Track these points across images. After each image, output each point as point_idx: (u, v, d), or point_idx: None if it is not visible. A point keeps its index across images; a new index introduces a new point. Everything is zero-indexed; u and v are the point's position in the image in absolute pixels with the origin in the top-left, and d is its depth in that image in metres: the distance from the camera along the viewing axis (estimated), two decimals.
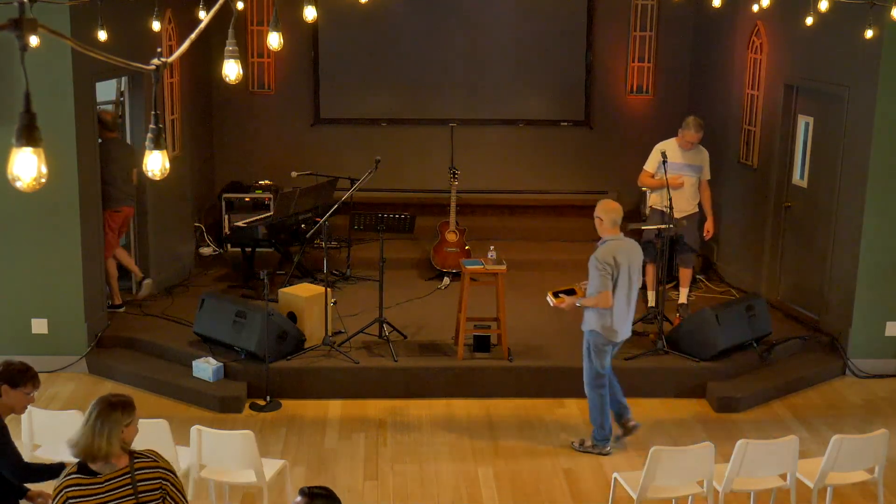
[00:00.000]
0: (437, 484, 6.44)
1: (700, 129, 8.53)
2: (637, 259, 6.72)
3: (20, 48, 2.11)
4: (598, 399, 6.84)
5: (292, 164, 10.80)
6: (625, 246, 6.66)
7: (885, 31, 7.42)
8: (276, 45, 4.43)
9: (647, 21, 11.48)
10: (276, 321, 7.64)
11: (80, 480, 3.82)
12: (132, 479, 3.84)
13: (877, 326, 8.24)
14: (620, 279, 6.57)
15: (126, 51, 6.08)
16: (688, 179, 8.57)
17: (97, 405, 3.88)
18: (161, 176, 2.70)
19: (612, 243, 6.61)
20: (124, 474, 3.84)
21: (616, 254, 6.55)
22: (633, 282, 6.67)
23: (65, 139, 7.64)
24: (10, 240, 7.93)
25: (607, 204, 6.71)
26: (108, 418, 3.84)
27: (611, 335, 6.69)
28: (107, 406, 3.88)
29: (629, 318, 6.77)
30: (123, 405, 3.94)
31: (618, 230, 6.67)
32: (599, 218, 6.66)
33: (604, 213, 6.65)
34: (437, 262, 9.87)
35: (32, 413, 5.61)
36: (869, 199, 8.01)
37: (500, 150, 11.64)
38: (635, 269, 6.69)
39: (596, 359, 6.78)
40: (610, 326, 6.65)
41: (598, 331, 6.69)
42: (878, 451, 5.63)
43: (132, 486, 3.83)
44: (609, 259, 6.53)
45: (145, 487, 3.86)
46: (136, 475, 3.85)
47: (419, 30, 11.52)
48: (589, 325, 6.74)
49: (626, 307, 6.69)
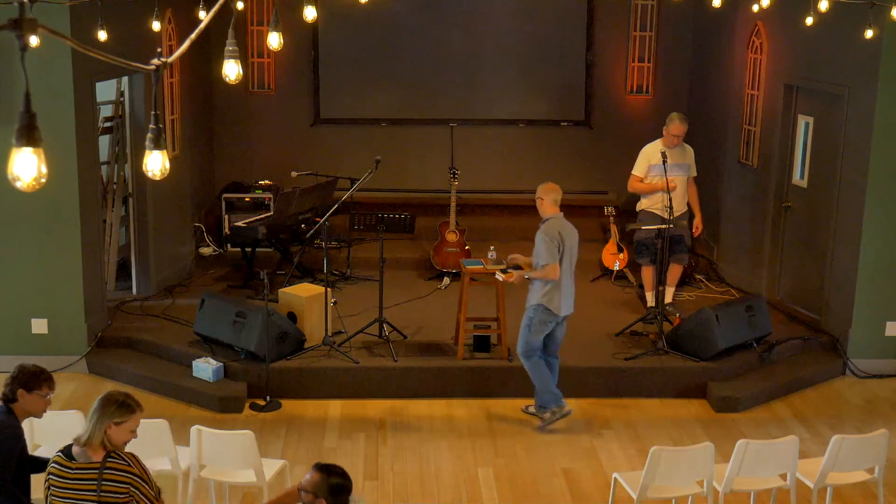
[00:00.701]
0: (437, 484, 6.44)
1: (685, 122, 8.57)
2: (575, 237, 7.11)
3: (20, 48, 2.11)
4: (534, 367, 7.15)
5: (292, 164, 10.80)
6: (566, 224, 7.06)
7: (885, 31, 7.42)
8: (276, 45, 4.44)
9: (647, 21, 11.48)
10: (276, 321, 7.64)
11: (60, 460, 3.98)
12: (99, 474, 3.91)
13: (877, 326, 8.24)
14: (564, 255, 6.97)
15: (126, 51, 6.09)
16: (679, 179, 8.58)
17: (103, 396, 4.01)
18: (161, 176, 2.70)
19: (554, 220, 7.02)
20: (93, 468, 3.91)
21: (560, 229, 6.98)
22: (573, 258, 7.08)
23: (65, 139, 7.64)
24: (10, 240, 7.93)
25: (546, 185, 7.10)
26: (103, 408, 3.97)
27: (555, 308, 7.02)
28: (107, 398, 4.00)
29: (572, 293, 7.14)
30: (121, 403, 4.00)
31: (558, 209, 7.06)
32: (541, 198, 7.07)
33: (544, 193, 7.05)
34: (437, 262, 9.87)
35: None
36: (869, 199, 8.01)
37: (500, 150, 11.64)
38: (575, 246, 7.10)
39: (533, 333, 7.10)
40: (556, 300, 6.99)
41: (544, 304, 7.00)
42: (878, 451, 5.63)
43: (97, 482, 3.89)
44: (555, 233, 6.94)
45: (110, 488, 3.93)
46: (104, 472, 3.93)
47: (419, 30, 11.52)
48: (535, 300, 7.05)
49: (570, 282, 7.09)
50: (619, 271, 9.95)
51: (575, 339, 8.32)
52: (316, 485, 3.93)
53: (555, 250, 6.89)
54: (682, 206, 8.65)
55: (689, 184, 8.74)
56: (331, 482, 3.93)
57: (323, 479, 3.95)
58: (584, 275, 10.05)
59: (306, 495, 3.97)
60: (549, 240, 6.90)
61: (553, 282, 6.95)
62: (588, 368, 7.88)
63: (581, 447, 7.00)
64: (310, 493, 3.95)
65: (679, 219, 8.42)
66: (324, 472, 3.98)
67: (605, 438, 7.14)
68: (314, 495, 3.94)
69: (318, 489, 3.92)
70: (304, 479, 4.00)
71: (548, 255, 6.89)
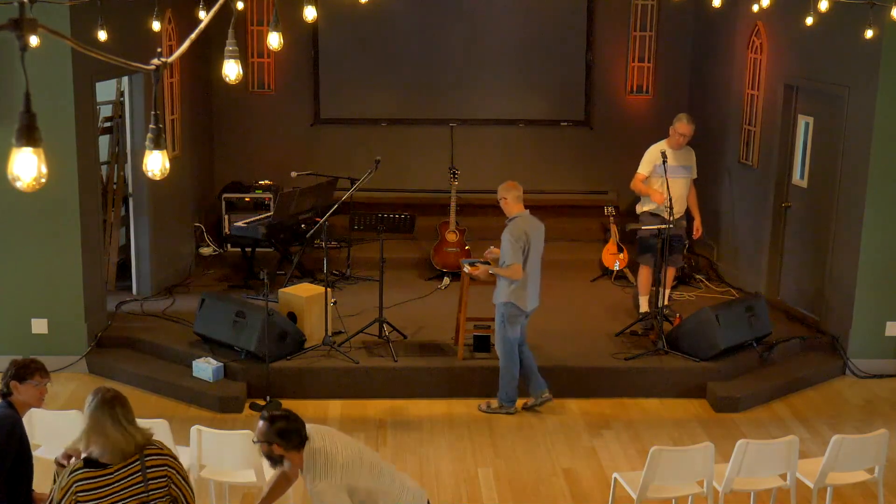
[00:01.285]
0: (437, 484, 6.44)
1: (692, 122, 8.56)
2: (541, 233, 7.25)
3: (20, 48, 2.11)
4: (511, 364, 7.33)
5: (292, 164, 10.80)
6: (532, 221, 7.20)
7: (885, 31, 7.42)
8: (276, 45, 4.44)
9: (647, 21, 11.48)
10: (276, 321, 7.64)
11: (89, 474, 3.83)
12: (142, 465, 3.87)
13: (877, 326, 8.24)
14: (531, 253, 7.10)
15: (126, 51, 6.09)
16: (682, 181, 8.56)
17: (98, 406, 3.89)
18: (161, 176, 2.70)
19: (520, 219, 7.16)
20: (134, 461, 3.86)
21: (527, 228, 7.11)
22: (539, 252, 7.23)
23: (65, 139, 7.64)
24: (10, 240, 7.93)
25: (507, 184, 7.27)
26: (106, 413, 3.87)
27: (522, 304, 7.17)
28: (104, 403, 3.90)
29: (538, 287, 7.32)
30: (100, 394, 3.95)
31: (522, 205, 7.21)
32: (504, 198, 7.23)
33: (506, 192, 7.22)
34: (437, 262, 9.87)
35: (32, 413, 5.61)
36: (869, 199, 8.01)
37: (500, 150, 11.63)
38: (540, 241, 7.25)
39: (509, 328, 7.24)
40: (522, 297, 7.16)
41: (511, 301, 7.16)
42: (878, 451, 5.63)
43: (142, 474, 3.86)
44: (521, 234, 7.07)
45: (154, 474, 3.90)
46: (145, 461, 3.89)
47: (419, 30, 11.51)
48: (502, 298, 7.22)
49: (536, 277, 7.26)
50: (619, 271, 9.95)
51: (575, 339, 8.34)
52: (265, 434, 4.16)
53: (520, 251, 7.05)
54: (682, 208, 8.64)
55: (689, 186, 8.73)
56: (276, 427, 4.15)
57: (267, 426, 4.18)
58: (584, 275, 10.08)
59: (262, 446, 4.20)
60: (515, 240, 7.05)
61: (523, 279, 7.12)
62: (588, 368, 7.88)
63: (581, 447, 7.00)
64: (263, 444, 4.19)
65: (679, 220, 8.42)
66: (267, 420, 4.20)
67: (605, 438, 7.14)
68: (267, 444, 4.17)
69: (267, 438, 4.16)
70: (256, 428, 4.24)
71: (513, 255, 7.04)
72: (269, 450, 4.17)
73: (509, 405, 7.45)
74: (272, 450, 4.17)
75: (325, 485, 4.13)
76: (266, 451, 4.20)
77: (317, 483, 4.13)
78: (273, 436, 4.15)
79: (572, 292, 9.54)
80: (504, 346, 7.32)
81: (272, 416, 4.21)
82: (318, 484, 4.13)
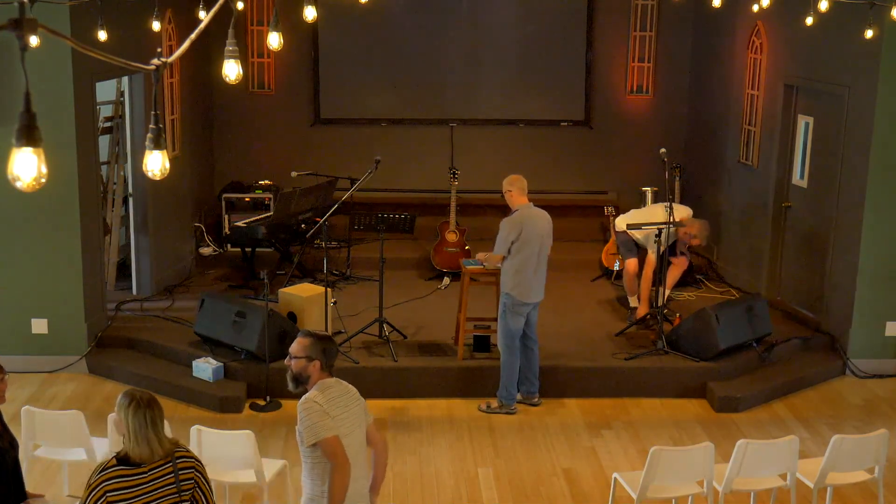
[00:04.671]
0: (437, 484, 6.44)
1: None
2: (543, 226, 7.23)
3: (20, 48, 2.11)
4: (511, 358, 7.31)
5: (292, 164, 10.81)
6: (535, 213, 7.21)
7: (885, 31, 7.42)
8: (276, 45, 4.44)
9: (647, 21, 11.48)
10: (276, 321, 7.64)
11: (122, 472, 3.81)
12: (174, 467, 3.88)
13: (877, 326, 8.24)
14: (531, 244, 7.12)
15: (126, 51, 6.09)
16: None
17: (131, 408, 3.87)
18: (161, 176, 2.70)
19: (523, 211, 7.17)
20: (166, 463, 3.86)
21: (525, 221, 7.12)
22: (543, 246, 7.22)
23: (65, 139, 7.64)
24: (10, 240, 7.93)
25: (512, 176, 7.26)
26: (145, 417, 3.85)
27: (522, 296, 7.17)
28: (137, 406, 3.87)
29: (542, 280, 7.30)
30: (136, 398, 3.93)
31: (526, 198, 7.23)
32: (509, 190, 7.22)
33: (510, 184, 7.21)
34: (437, 262, 9.87)
35: (32, 413, 5.62)
36: (869, 199, 8.00)
37: (500, 150, 11.63)
38: (544, 234, 7.23)
39: (511, 319, 7.24)
40: (522, 288, 7.15)
41: (509, 293, 7.20)
42: (878, 451, 5.63)
43: (174, 475, 3.86)
44: (517, 226, 7.09)
45: (185, 476, 3.91)
46: (177, 463, 3.89)
47: (419, 30, 11.51)
48: (505, 288, 7.25)
49: (537, 270, 7.21)
50: (618, 271, 9.94)
51: (575, 339, 8.34)
52: (309, 348, 4.16)
53: (507, 244, 7.11)
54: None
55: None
56: (323, 345, 4.18)
57: (313, 341, 4.18)
58: (584, 275, 10.08)
59: (297, 362, 4.17)
60: (508, 231, 7.12)
61: (522, 271, 7.15)
62: (588, 368, 7.88)
63: (581, 447, 7.00)
64: (302, 359, 4.16)
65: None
66: (313, 336, 4.21)
67: (605, 438, 7.14)
68: (308, 359, 4.15)
69: (312, 353, 4.15)
70: (293, 346, 4.21)
71: (501, 244, 7.15)
72: (305, 367, 4.14)
73: (510, 404, 7.44)
74: (308, 367, 4.14)
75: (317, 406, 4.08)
76: (300, 367, 4.15)
77: (308, 400, 4.10)
78: (319, 352, 4.14)
79: (572, 292, 9.54)
80: (505, 339, 7.32)
81: (318, 334, 4.21)
82: (309, 401, 4.10)
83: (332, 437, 4.06)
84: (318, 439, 4.06)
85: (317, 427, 4.06)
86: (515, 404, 7.48)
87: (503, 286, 7.31)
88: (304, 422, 4.08)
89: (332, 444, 4.07)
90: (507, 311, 7.26)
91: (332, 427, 4.08)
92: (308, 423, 4.07)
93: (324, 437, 4.06)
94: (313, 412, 4.07)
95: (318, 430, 4.06)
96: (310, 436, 4.08)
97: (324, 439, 4.06)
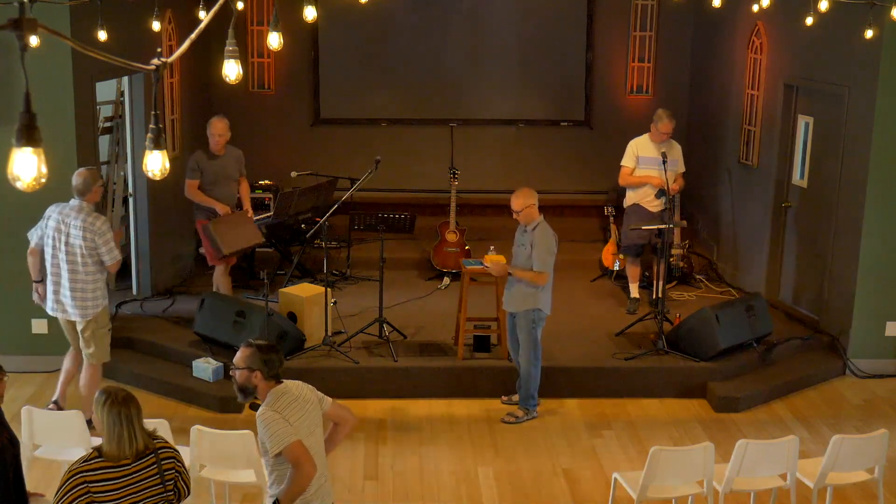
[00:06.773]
0: (437, 484, 6.44)
1: (672, 119, 8.69)
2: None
3: (20, 48, 2.12)
4: (537, 372, 7.25)
5: (292, 164, 10.80)
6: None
7: (885, 31, 7.42)
8: (276, 45, 4.44)
9: (647, 21, 11.48)
10: (276, 321, 7.64)
11: (104, 464, 3.80)
12: (157, 458, 3.88)
13: (877, 326, 8.24)
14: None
15: (126, 51, 6.09)
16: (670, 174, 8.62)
17: (106, 405, 3.88)
18: (161, 176, 2.70)
19: (545, 224, 7.10)
20: (149, 456, 3.86)
21: (553, 234, 7.07)
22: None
23: (65, 139, 7.64)
24: (10, 239, 7.92)
25: (526, 189, 7.15)
26: (119, 415, 3.85)
27: (548, 309, 7.16)
28: (112, 403, 3.88)
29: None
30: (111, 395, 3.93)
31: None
32: (532, 204, 7.07)
33: (531, 197, 7.09)
34: (437, 262, 9.87)
35: (33, 413, 5.62)
36: (869, 199, 8.01)
37: (500, 150, 11.64)
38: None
39: (539, 332, 7.17)
40: (549, 301, 7.13)
41: (540, 308, 7.09)
42: (878, 451, 5.63)
43: (157, 467, 3.87)
44: (555, 241, 7.03)
45: (167, 466, 3.91)
46: (160, 454, 3.89)
47: (419, 30, 11.51)
48: (530, 304, 7.07)
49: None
50: (619, 271, 9.94)
51: (575, 339, 8.33)
52: (250, 359, 4.21)
53: (553, 259, 7.02)
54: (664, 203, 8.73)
55: (677, 181, 8.79)
56: (264, 355, 4.22)
57: (254, 352, 4.22)
58: (584, 275, 10.08)
59: (241, 373, 4.24)
60: (551, 248, 6.99)
61: (550, 285, 7.09)
62: (588, 368, 7.88)
63: (581, 447, 7.00)
64: (244, 370, 4.22)
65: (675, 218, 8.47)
66: (254, 347, 4.25)
67: (605, 438, 7.14)
68: (249, 370, 4.22)
69: (252, 363, 4.21)
70: (235, 357, 4.27)
71: (547, 262, 6.98)
72: (248, 378, 4.22)
73: (534, 409, 7.39)
74: (251, 378, 4.21)
75: (276, 415, 4.17)
76: (244, 378, 4.23)
77: (266, 411, 4.18)
78: (260, 362, 4.19)
79: (572, 292, 9.53)
80: (535, 352, 7.18)
81: (259, 345, 4.25)
82: (266, 412, 4.18)
83: (295, 441, 4.17)
84: (283, 447, 4.15)
85: (279, 436, 4.15)
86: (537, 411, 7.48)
87: (525, 302, 7.08)
88: (266, 433, 4.17)
89: (295, 449, 4.16)
90: (536, 326, 7.13)
91: (293, 432, 4.17)
92: (269, 434, 4.16)
93: (287, 444, 4.15)
94: (272, 422, 4.17)
95: (281, 438, 4.15)
96: (274, 445, 4.16)
97: (287, 446, 4.15)
